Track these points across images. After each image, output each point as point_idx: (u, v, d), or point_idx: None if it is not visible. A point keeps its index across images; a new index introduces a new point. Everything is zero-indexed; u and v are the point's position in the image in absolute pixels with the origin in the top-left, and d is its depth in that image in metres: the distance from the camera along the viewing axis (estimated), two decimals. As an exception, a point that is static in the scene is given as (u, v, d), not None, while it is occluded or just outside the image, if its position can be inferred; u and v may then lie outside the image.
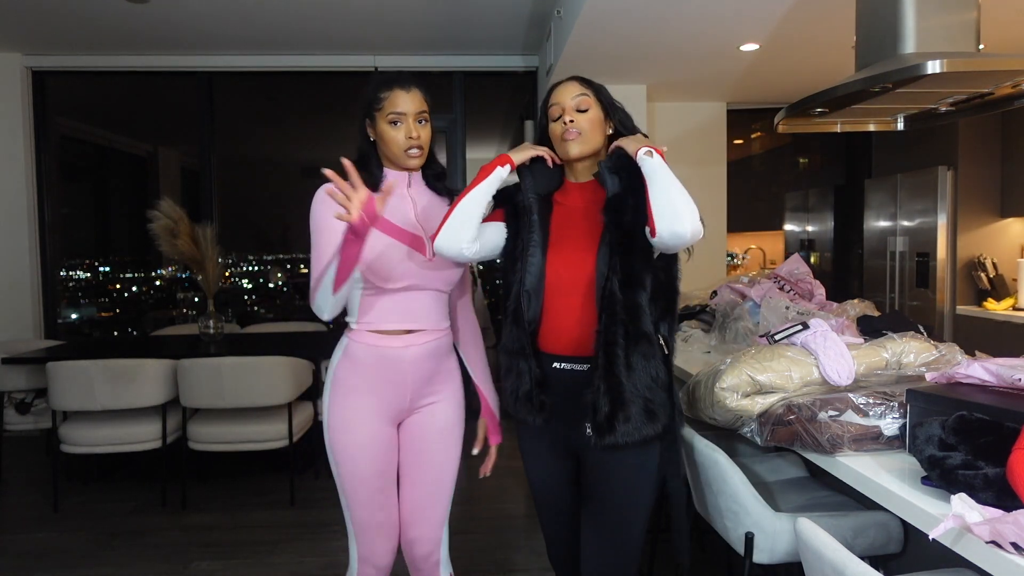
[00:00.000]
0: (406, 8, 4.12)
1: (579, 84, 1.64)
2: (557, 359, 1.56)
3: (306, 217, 1.75)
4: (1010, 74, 2.11)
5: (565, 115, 1.60)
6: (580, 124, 1.59)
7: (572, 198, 1.65)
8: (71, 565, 2.86)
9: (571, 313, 1.53)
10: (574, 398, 1.51)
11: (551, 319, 1.56)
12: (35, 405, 3.90)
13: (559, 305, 1.55)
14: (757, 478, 1.99)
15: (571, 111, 1.60)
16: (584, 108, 1.61)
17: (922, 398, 1.39)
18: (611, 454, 1.51)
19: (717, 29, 3.62)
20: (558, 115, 1.61)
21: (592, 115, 1.61)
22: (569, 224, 1.61)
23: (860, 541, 1.59)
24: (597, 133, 1.62)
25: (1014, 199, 4.60)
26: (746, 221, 6.69)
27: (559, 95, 1.62)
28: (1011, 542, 0.97)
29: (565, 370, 1.55)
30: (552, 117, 1.63)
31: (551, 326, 1.56)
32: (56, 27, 4.37)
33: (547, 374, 1.57)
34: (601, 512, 1.58)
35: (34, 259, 4.96)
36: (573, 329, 1.53)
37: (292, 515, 3.35)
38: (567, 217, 1.63)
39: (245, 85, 5.44)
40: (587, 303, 1.52)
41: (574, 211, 1.63)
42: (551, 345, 1.57)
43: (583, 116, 1.60)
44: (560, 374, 1.55)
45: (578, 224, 1.60)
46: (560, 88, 1.64)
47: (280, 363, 3.38)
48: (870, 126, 2.85)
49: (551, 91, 1.65)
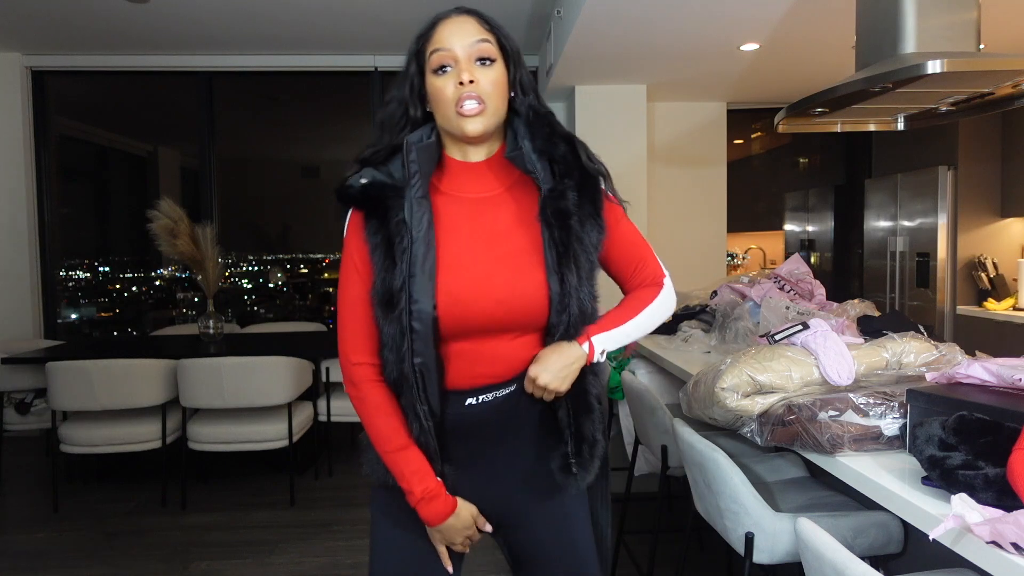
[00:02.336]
0: (406, 8, 4.12)
1: (478, 22, 1.14)
2: (467, 394, 1.16)
3: (306, 217, 1.70)
4: (1010, 74, 2.11)
5: (459, 70, 1.11)
6: (482, 87, 1.11)
7: (462, 185, 1.18)
8: (71, 565, 2.86)
9: (490, 354, 1.14)
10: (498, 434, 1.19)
11: (456, 359, 1.14)
12: (35, 405, 3.90)
13: (464, 349, 1.14)
14: (757, 478, 1.99)
15: (468, 64, 1.11)
16: (487, 58, 1.12)
17: (922, 398, 1.39)
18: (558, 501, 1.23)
19: (717, 29, 3.62)
20: (443, 65, 1.12)
21: (497, 72, 1.13)
22: (468, 226, 1.16)
23: (860, 541, 1.59)
24: (502, 99, 1.15)
25: (1014, 199, 4.60)
26: (746, 221, 6.69)
27: (447, 35, 1.12)
28: (1011, 542, 0.97)
29: (484, 402, 1.16)
30: (432, 66, 1.13)
31: (456, 366, 1.14)
32: (56, 27, 4.37)
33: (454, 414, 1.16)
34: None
35: (34, 259, 4.96)
36: (492, 364, 1.15)
37: (292, 515, 3.35)
38: (462, 215, 1.16)
39: (245, 85, 5.44)
40: (515, 335, 1.15)
41: (471, 204, 1.17)
42: (454, 383, 1.15)
43: (486, 74, 1.12)
44: (474, 410, 1.16)
45: (491, 226, 1.16)
46: (449, 24, 1.13)
47: (280, 363, 3.38)
48: (870, 126, 2.84)
49: (433, 27, 1.15)
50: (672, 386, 2.85)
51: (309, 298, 6.37)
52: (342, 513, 3.36)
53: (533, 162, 1.15)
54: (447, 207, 1.16)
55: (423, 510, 1.15)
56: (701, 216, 5.35)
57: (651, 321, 1.25)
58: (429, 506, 1.14)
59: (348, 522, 3.26)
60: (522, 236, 1.16)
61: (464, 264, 1.13)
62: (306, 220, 6.20)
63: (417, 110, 1.17)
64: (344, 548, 2.99)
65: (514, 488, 1.23)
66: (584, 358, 1.14)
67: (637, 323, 1.23)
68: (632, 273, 1.27)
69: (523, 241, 1.15)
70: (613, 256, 1.24)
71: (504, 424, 1.19)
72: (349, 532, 3.15)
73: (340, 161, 6.22)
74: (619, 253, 1.25)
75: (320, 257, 6.28)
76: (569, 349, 1.13)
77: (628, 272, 1.27)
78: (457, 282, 1.11)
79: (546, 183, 1.15)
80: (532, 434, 1.22)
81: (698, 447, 1.72)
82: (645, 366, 2.92)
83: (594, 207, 1.17)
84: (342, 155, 6.25)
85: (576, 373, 1.14)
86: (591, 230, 1.16)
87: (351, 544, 3.03)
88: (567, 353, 1.13)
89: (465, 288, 1.11)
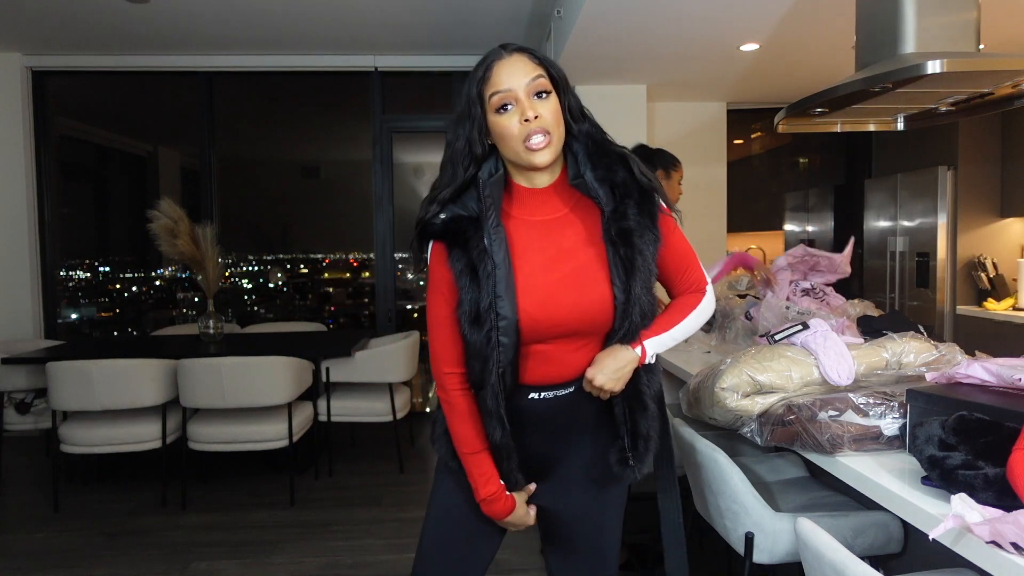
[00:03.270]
0: (406, 8, 4.12)
1: (529, 59, 1.23)
2: (532, 389, 1.30)
3: (306, 217, 1.72)
4: (1010, 74, 2.11)
5: (522, 108, 1.20)
6: (545, 120, 1.21)
7: (531, 209, 1.30)
8: (71, 565, 2.86)
9: (557, 357, 1.28)
10: (554, 425, 1.34)
11: (527, 360, 1.28)
12: (35, 405, 3.90)
13: (536, 351, 1.28)
14: (757, 478, 1.99)
15: (528, 101, 1.21)
16: (544, 91, 1.22)
17: (922, 398, 1.39)
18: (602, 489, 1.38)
19: (717, 29, 3.62)
20: (505, 104, 1.21)
21: (553, 103, 1.23)
22: (540, 246, 1.28)
23: (860, 541, 1.59)
24: (562, 127, 1.25)
25: (1014, 199, 4.60)
26: (746, 221, 6.69)
27: (504, 76, 1.21)
28: (1011, 542, 0.97)
29: (546, 399, 1.31)
30: (494, 106, 1.22)
31: (527, 366, 1.29)
32: (56, 27, 4.37)
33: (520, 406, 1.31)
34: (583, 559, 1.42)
35: (34, 259, 4.96)
36: (554, 369, 1.30)
37: (292, 515, 3.35)
38: (532, 237, 1.29)
39: (245, 85, 5.44)
40: (583, 343, 1.29)
41: (540, 226, 1.29)
42: (523, 379, 1.30)
43: (545, 107, 1.22)
44: (535, 404, 1.31)
45: (558, 245, 1.28)
46: (503, 66, 1.22)
47: (280, 363, 3.38)
48: (870, 126, 2.84)
49: (489, 71, 1.22)
50: (672, 386, 2.85)
51: (309, 298, 6.36)
52: (342, 513, 3.36)
53: (596, 189, 1.26)
54: (519, 230, 1.29)
55: (486, 508, 1.33)
56: (701, 216, 5.34)
57: (695, 324, 1.37)
58: (492, 507, 1.32)
59: (348, 522, 3.26)
60: (588, 252, 1.28)
61: (538, 281, 1.25)
62: (306, 220, 6.20)
63: (481, 147, 1.27)
64: (344, 548, 2.99)
65: (563, 477, 1.37)
66: (637, 360, 1.27)
67: (684, 327, 1.35)
68: (680, 280, 1.39)
69: (589, 256, 1.27)
70: (664, 264, 1.35)
71: (562, 420, 1.33)
72: (349, 532, 3.15)
73: (340, 161, 6.22)
74: (670, 261, 1.35)
75: (320, 257, 6.27)
76: (623, 352, 1.25)
77: (676, 279, 1.39)
78: (533, 298, 1.24)
79: (608, 205, 1.26)
80: (588, 431, 1.35)
81: (698, 447, 1.72)
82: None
83: (652, 220, 1.27)
84: (342, 155, 6.25)
85: (629, 375, 1.27)
86: (650, 242, 1.27)
87: (351, 544, 3.03)
88: (621, 356, 1.25)
89: (540, 303, 1.24)
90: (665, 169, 2.81)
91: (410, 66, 5.13)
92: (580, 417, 1.33)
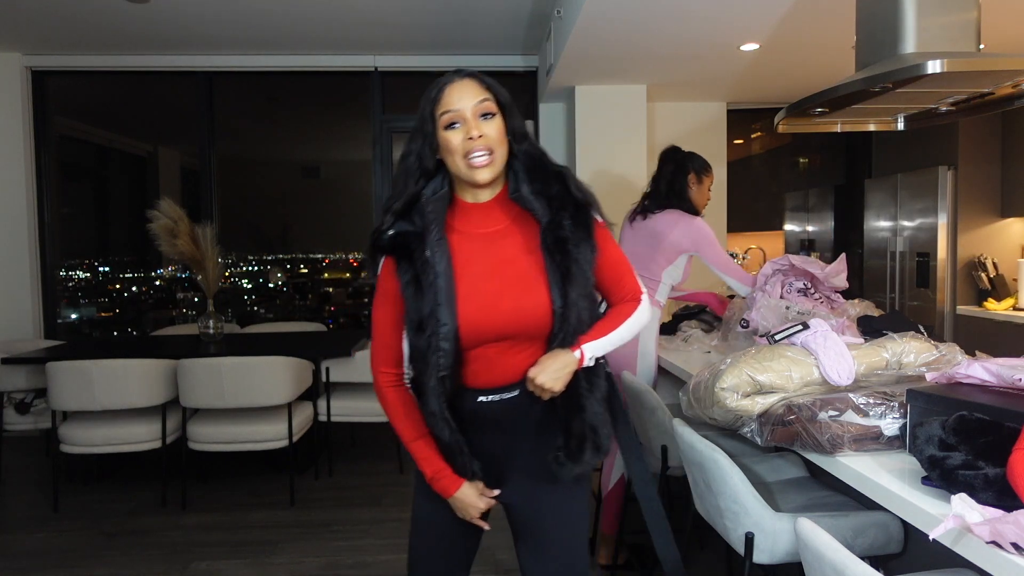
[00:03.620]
0: (406, 8, 4.12)
1: (478, 84, 1.34)
2: (480, 392, 1.38)
3: (306, 217, 1.75)
4: (1010, 74, 2.11)
5: (468, 127, 1.30)
6: (489, 139, 1.31)
7: (475, 223, 1.39)
8: (71, 565, 2.86)
9: (500, 360, 1.36)
10: (505, 429, 1.41)
11: (470, 367, 1.37)
12: (35, 405, 3.90)
13: (480, 355, 1.36)
14: (757, 478, 1.99)
15: (475, 121, 1.31)
16: (489, 113, 1.33)
17: (922, 398, 1.39)
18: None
19: (717, 29, 3.62)
20: (453, 123, 1.32)
21: (498, 123, 1.33)
22: (481, 257, 1.36)
23: (860, 541, 1.59)
24: (504, 147, 1.34)
25: (1014, 199, 4.60)
26: (746, 221, 6.68)
27: (454, 98, 1.31)
28: (1011, 542, 0.97)
29: (493, 402, 1.38)
30: (444, 124, 1.32)
31: (473, 368, 1.38)
32: (56, 27, 4.37)
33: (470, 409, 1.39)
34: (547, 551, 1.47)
35: (34, 259, 4.96)
36: (498, 371, 1.37)
37: (292, 515, 3.35)
38: (475, 248, 1.37)
39: (245, 85, 5.44)
40: (524, 346, 1.36)
41: (483, 239, 1.38)
42: (470, 383, 1.39)
43: (490, 126, 1.32)
44: (484, 407, 1.39)
45: (499, 256, 1.36)
46: (454, 89, 1.32)
47: (280, 363, 3.38)
48: (870, 126, 2.85)
49: (441, 92, 1.33)
50: (672, 386, 2.85)
51: (309, 298, 6.37)
52: (342, 513, 3.37)
53: (532, 202, 1.35)
54: (462, 243, 1.38)
55: (435, 486, 1.42)
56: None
57: (631, 330, 1.44)
58: (439, 484, 1.42)
59: (348, 522, 3.26)
60: (527, 261, 1.36)
61: (480, 289, 1.34)
62: (306, 220, 6.20)
63: (430, 161, 1.36)
64: (344, 548, 2.99)
65: (520, 473, 1.44)
66: (576, 363, 1.33)
67: (620, 332, 1.41)
68: (616, 289, 1.46)
69: (528, 265, 1.36)
70: (600, 273, 1.43)
71: (510, 422, 1.41)
72: (349, 532, 3.15)
73: (340, 161, 6.22)
74: (606, 271, 1.44)
75: (320, 257, 6.28)
76: (564, 355, 1.32)
77: (612, 288, 1.46)
78: (474, 305, 1.33)
79: (544, 217, 1.35)
80: (535, 431, 1.42)
81: (698, 447, 1.72)
82: (645, 366, 2.92)
83: (587, 231, 1.36)
84: (342, 155, 6.25)
85: (569, 376, 1.33)
86: (585, 251, 1.35)
87: (351, 544, 3.03)
88: (561, 359, 1.32)
89: (480, 310, 1.33)
90: (697, 173, 2.80)
91: (410, 66, 5.13)
92: (527, 419, 1.41)
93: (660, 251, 2.67)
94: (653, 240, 2.69)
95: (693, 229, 2.65)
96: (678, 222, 2.66)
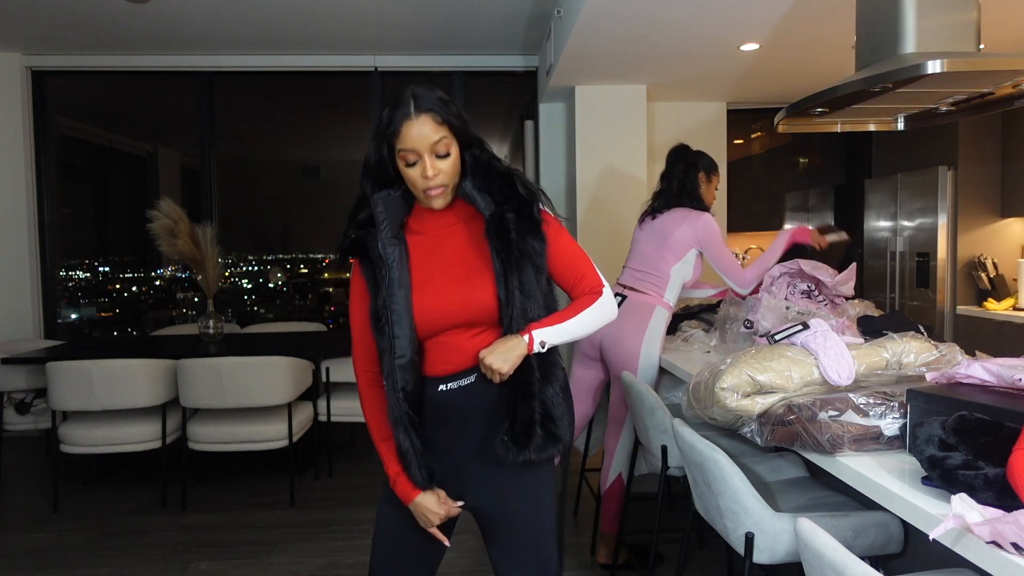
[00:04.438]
0: (406, 8, 4.12)
1: (434, 122, 1.37)
2: (441, 380, 1.45)
3: (306, 217, 1.77)
4: (1010, 74, 2.11)
5: (425, 165, 1.37)
6: (443, 176, 1.39)
7: (429, 224, 1.50)
8: (71, 565, 2.86)
9: (456, 345, 1.44)
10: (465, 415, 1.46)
11: (429, 356, 1.46)
12: (35, 405, 3.90)
13: (438, 342, 1.45)
14: (757, 478, 1.99)
15: (431, 159, 1.38)
16: (444, 153, 1.39)
17: (922, 398, 1.39)
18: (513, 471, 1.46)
19: (717, 29, 3.62)
20: (413, 160, 1.38)
21: (453, 157, 1.40)
22: (435, 253, 1.47)
23: (860, 541, 1.59)
24: (457, 174, 1.43)
25: (1014, 199, 4.60)
26: (746, 221, 6.68)
27: (411, 138, 1.36)
28: (1011, 542, 0.97)
29: (452, 389, 1.45)
30: (402, 160, 1.39)
31: (433, 356, 1.46)
32: (56, 27, 4.37)
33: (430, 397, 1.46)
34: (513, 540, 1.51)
35: (34, 259, 4.96)
36: (455, 357, 1.45)
37: (292, 515, 3.36)
38: (429, 246, 1.48)
39: (245, 85, 5.44)
40: (477, 331, 1.44)
41: (436, 237, 1.48)
42: (430, 372, 1.46)
43: (444, 163, 1.39)
44: (445, 395, 1.46)
45: (451, 252, 1.47)
46: (411, 128, 1.36)
47: (280, 363, 3.38)
48: (870, 126, 2.85)
49: (399, 127, 1.37)
50: (672, 386, 2.85)
51: (309, 298, 6.37)
52: (342, 513, 3.37)
53: (474, 196, 1.44)
54: (419, 243, 1.48)
55: (396, 490, 1.47)
56: (701, 216, 5.34)
57: (590, 321, 1.49)
58: (400, 488, 1.47)
59: (348, 522, 3.26)
60: (476, 256, 1.45)
61: (433, 282, 1.44)
62: (306, 220, 6.20)
63: (387, 174, 1.45)
64: (344, 548, 2.99)
65: (482, 466, 1.48)
66: (525, 346, 1.39)
67: (576, 322, 1.46)
68: (574, 283, 1.52)
69: (476, 258, 1.45)
70: (555, 268, 1.49)
71: (470, 409, 1.46)
72: (349, 532, 3.15)
73: (340, 161, 6.21)
74: (560, 265, 1.50)
75: (320, 257, 6.27)
76: (513, 339, 1.39)
77: (570, 283, 1.52)
78: (427, 296, 1.43)
79: (487, 209, 1.43)
80: (487, 418, 1.46)
81: (698, 447, 1.72)
82: (645, 366, 2.92)
83: (532, 223, 1.42)
84: (342, 155, 6.25)
85: (519, 359, 1.38)
86: (532, 241, 1.42)
87: (351, 544, 3.03)
88: (511, 343, 1.39)
89: (432, 300, 1.43)
90: (707, 172, 2.82)
91: (410, 66, 5.13)
92: (485, 405, 1.45)
93: (668, 247, 2.69)
94: (661, 238, 2.71)
95: (700, 224, 2.68)
96: (686, 217, 2.70)
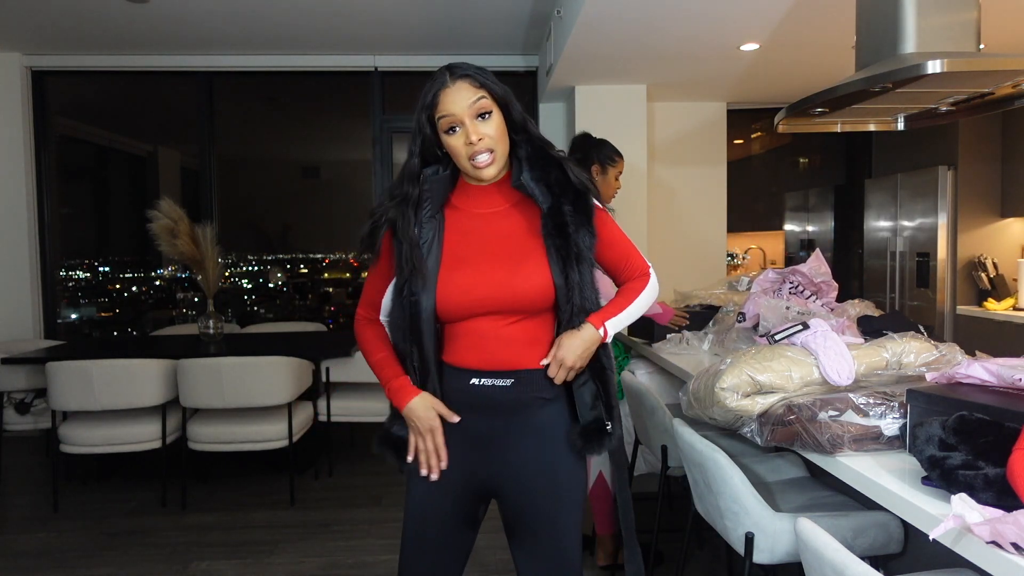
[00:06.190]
0: (406, 8, 4.12)
1: (471, 86, 1.34)
2: (473, 374, 1.40)
3: (306, 217, 1.77)
4: (1010, 74, 2.11)
5: (467, 131, 1.33)
6: (489, 139, 1.34)
7: (475, 203, 1.45)
8: (71, 565, 2.86)
9: (491, 334, 1.39)
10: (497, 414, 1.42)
11: (460, 343, 1.42)
12: (35, 405, 3.90)
13: (469, 328, 1.40)
14: (757, 478, 1.99)
15: (472, 124, 1.34)
16: (486, 112, 1.35)
17: (922, 398, 1.39)
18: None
19: (717, 29, 3.62)
20: (452, 127, 1.35)
21: (496, 120, 1.36)
22: (477, 233, 1.42)
23: (860, 541, 1.59)
24: (505, 141, 1.38)
25: (1014, 199, 4.60)
26: (746, 221, 6.69)
27: (449, 103, 1.33)
28: (1011, 542, 0.97)
29: (486, 386, 1.41)
30: (443, 128, 1.36)
31: (464, 343, 1.41)
32: (56, 27, 4.37)
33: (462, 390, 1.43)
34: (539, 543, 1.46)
35: (34, 259, 4.96)
36: (491, 346, 1.40)
37: (292, 515, 3.36)
38: (471, 225, 1.43)
39: (245, 85, 5.44)
40: (512, 320, 1.39)
41: (481, 218, 1.44)
42: (462, 361, 1.42)
43: (488, 125, 1.35)
44: (478, 390, 1.41)
45: (494, 233, 1.42)
46: (448, 94, 1.34)
47: (280, 363, 3.38)
48: (870, 126, 2.84)
49: (435, 96, 1.35)
50: (672, 386, 2.85)
51: (309, 298, 6.36)
52: (342, 513, 3.37)
53: (533, 188, 1.41)
54: (460, 220, 1.44)
55: (395, 397, 1.43)
56: (701, 216, 5.34)
57: (644, 305, 1.52)
58: (398, 393, 1.43)
59: (348, 522, 3.26)
60: (525, 240, 1.41)
61: (468, 261, 1.39)
62: (306, 220, 6.20)
63: (436, 152, 1.42)
64: (344, 548, 2.99)
65: (515, 464, 1.43)
66: (599, 339, 1.40)
67: (635, 307, 1.49)
68: (622, 268, 1.53)
69: (526, 244, 1.41)
70: (605, 256, 1.50)
71: (505, 406, 1.41)
72: (349, 532, 3.15)
73: (340, 161, 6.21)
74: (610, 253, 1.50)
75: (320, 257, 6.27)
76: (586, 333, 1.39)
77: (619, 268, 1.53)
78: (458, 276, 1.38)
79: (546, 203, 1.40)
80: (533, 420, 1.43)
81: (698, 447, 1.72)
82: (645, 366, 2.92)
83: (586, 217, 1.41)
84: (342, 155, 6.25)
85: (592, 352, 1.40)
86: (585, 236, 1.40)
87: (351, 544, 3.03)
88: (585, 337, 1.38)
89: (466, 279, 1.38)
90: (601, 164, 2.70)
91: (410, 66, 5.13)
92: (521, 406, 1.42)
93: None
94: None
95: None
96: None
